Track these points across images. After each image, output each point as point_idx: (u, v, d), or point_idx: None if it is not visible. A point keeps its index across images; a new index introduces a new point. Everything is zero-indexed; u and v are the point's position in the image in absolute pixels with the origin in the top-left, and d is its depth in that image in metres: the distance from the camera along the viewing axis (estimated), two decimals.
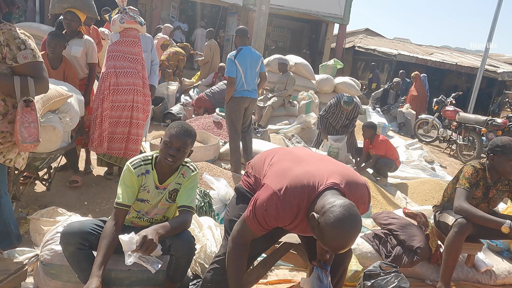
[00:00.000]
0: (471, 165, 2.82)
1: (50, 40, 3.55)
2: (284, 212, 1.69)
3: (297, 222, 1.73)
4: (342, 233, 1.46)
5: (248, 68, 4.55)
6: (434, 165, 6.77)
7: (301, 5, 13.66)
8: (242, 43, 4.63)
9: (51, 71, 3.58)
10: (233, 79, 4.49)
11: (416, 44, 18.51)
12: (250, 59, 4.57)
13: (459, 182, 2.79)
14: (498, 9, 9.87)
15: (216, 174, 4.06)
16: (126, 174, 2.12)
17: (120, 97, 3.76)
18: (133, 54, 3.85)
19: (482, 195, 2.83)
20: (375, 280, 2.52)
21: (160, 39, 8.10)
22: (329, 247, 1.52)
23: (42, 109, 2.81)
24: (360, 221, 1.51)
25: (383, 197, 4.74)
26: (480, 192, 2.82)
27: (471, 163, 2.84)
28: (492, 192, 2.83)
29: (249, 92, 4.61)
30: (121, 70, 3.76)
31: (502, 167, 2.70)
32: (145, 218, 2.25)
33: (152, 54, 4.59)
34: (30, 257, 2.28)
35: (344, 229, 1.46)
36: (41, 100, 2.78)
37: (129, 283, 2.21)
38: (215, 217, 3.23)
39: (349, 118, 5.83)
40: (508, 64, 14.05)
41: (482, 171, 2.79)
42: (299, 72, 8.16)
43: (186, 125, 2.12)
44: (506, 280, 3.08)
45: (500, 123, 7.38)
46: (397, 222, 3.11)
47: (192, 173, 2.20)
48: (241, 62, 4.50)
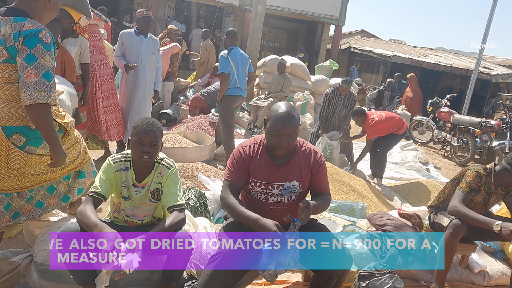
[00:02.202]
0: (474, 170, 2.80)
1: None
2: (243, 146, 2.19)
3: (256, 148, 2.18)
4: (279, 111, 2.06)
5: (239, 66, 4.75)
6: (429, 166, 6.80)
7: (297, 6, 13.68)
8: (233, 44, 4.85)
9: None
10: (227, 75, 4.64)
11: (411, 45, 18.59)
12: (241, 58, 4.80)
13: (460, 185, 2.79)
14: (493, 11, 9.94)
15: (212, 175, 4.06)
16: (105, 166, 2.13)
17: (107, 86, 4.29)
18: (101, 48, 4.37)
19: (483, 200, 2.85)
20: (370, 280, 2.53)
21: (174, 47, 7.47)
22: (274, 125, 2.04)
23: None
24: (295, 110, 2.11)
25: (378, 198, 4.75)
26: (481, 198, 2.83)
27: (475, 168, 2.83)
28: (493, 198, 2.86)
29: (241, 91, 4.80)
30: (101, 63, 4.22)
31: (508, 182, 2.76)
32: (135, 221, 2.24)
33: (157, 57, 4.66)
34: (24, 258, 2.27)
35: (281, 109, 2.07)
36: None
37: (124, 284, 2.20)
38: (211, 218, 3.22)
39: (346, 106, 5.72)
40: (502, 66, 14.15)
41: (485, 177, 2.79)
42: (294, 73, 8.17)
43: (150, 119, 2.11)
44: (500, 281, 3.10)
45: (494, 125, 7.43)
46: (392, 223, 3.12)
47: (169, 170, 2.17)
48: (233, 59, 4.68)
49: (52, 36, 2.00)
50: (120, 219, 2.25)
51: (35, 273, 2.21)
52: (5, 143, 2.03)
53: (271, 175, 2.15)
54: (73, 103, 3.45)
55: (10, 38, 1.92)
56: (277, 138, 2.06)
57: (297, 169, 2.17)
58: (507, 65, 14.63)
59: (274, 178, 2.15)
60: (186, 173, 3.97)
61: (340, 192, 4.51)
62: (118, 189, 2.17)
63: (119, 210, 2.24)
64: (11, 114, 2.01)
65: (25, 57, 1.91)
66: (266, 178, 2.15)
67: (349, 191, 4.57)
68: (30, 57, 1.91)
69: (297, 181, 2.16)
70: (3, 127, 2.01)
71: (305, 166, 2.18)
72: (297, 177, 2.16)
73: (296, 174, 2.16)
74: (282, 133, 2.05)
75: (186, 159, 4.37)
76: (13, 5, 2.02)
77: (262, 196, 2.18)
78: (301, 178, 2.17)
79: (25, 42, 1.91)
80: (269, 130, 2.10)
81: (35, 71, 1.91)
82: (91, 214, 1.92)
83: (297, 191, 2.19)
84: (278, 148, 2.09)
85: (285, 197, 2.17)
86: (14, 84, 1.97)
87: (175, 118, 6.61)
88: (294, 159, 2.18)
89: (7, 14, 1.97)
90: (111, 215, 2.29)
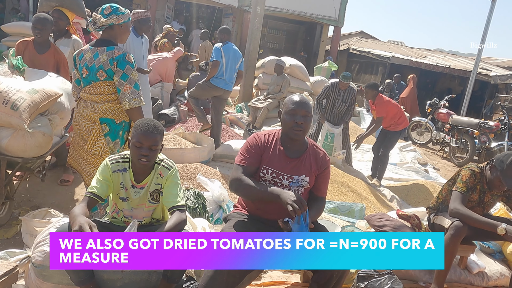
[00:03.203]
0: (469, 168, 2.83)
1: (36, 21, 3.42)
2: (259, 134, 2.29)
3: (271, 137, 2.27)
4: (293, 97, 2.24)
5: (230, 60, 5.06)
6: (428, 167, 6.81)
7: (296, 7, 13.69)
8: (228, 39, 5.20)
9: (38, 56, 3.49)
10: (217, 62, 4.98)
11: (410, 47, 18.61)
12: (233, 54, 5.10)
13: (456, 185, 2.80)
14: (491, 13, 9.97)
15: (211, 176, 4.05)
16: (102, 167, 2.11)
17: None
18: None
19: (478, 199, 2.86)
20: (368, 281, 2.53)
21: (178, 52, 7.41)
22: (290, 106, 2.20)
23: (30, 117, 2.73)
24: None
25: (376, 199, 4.76)
26: (477, 196, 2.84)
27: (469, 166, 2.85)
28: (487, 196, 2.85)
29: (226, 84, 5.10)
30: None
31: (493, 181, 2.77)
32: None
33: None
34: (22, 259, 2.26)
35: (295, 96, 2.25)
36: (28, 108, 2.70)
37: (122, 285, 2.19)
38: (209, 219, 3.21)
39: (345, 101, 5.74)
40: (500, 67, 14.18)
41: (479, 174, 2.82)
42: (293, 74, 8.17)
43: (152, 122, 2.10)
44: (498, 282, 3.11)
45: (492, 126, 7.45)
46: (390, 224, 3.12)
47: (169, 171, 2.17)
48: (226, 52, 5.02)
49: (132, 56, 2.77)
50: (118, 220, 2.24)
51: (33, 274, 2.20)
52: (98, 130, 2.76)
53: (283, 166, 2.21)
54: (72, 103, 3.43)
55: (107, 63, 2.69)
56: (293, 118, 2.17)
57: (307, 164, 2.24)
58: (506, 66, 14.67)
59: (286, 169, 2.21)
60: (184, 174, 3.96)
61: (339, 193, 4.51)
62: (115, 190, 2.15)
63: (118, 210, 2.23)
64: (105, 110, 2.77)
65: (121, 76, 2.69)
66: (278, 168, 2.21)
67: (348, 192, 4.57)
68: (124, 76, 2.69)
69: (306, 176, 2.23)
70: (100, 119, 2.77)
71: (314, 163, 2.26)
72: (306, 172, 2.23)
73: (306, 169, 2.23)
74: (297, 111, 2.18)
75: (185, 160, 4.36)
76: (100, 38, 2.82)
77: (272, 185, 2.20)
78: (310, 174, 2.24)
79: (118, 65, 2.69)
80: (285, 113, 2.22)
81: (129, 84, 2.69)
82: (77, 211, 1.90)
83: (305, 185, 2.24)
84: (293, 128, 2.18)
85: (293, 189, 2.20)
86: (110, 94, 2.75)
87: (174, 118, 6.60)
88: (306, 155, 2.26)
89: (98, 45, 2.75)
90: (110, 215, 2.29)
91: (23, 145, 2.75)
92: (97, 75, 2.72)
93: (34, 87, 2.84)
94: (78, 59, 2.80)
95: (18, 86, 2.79)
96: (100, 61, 2.69)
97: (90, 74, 2.74)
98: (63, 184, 3.78)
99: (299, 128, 2.17)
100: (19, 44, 3.57)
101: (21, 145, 2.75)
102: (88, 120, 2.79)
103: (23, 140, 2.74)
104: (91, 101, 2.78)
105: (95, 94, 2.75)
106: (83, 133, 2.82)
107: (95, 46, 2.76)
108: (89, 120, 2.79)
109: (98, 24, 2.73)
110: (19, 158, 2.79)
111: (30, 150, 2.80)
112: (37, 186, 3.68)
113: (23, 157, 2.80)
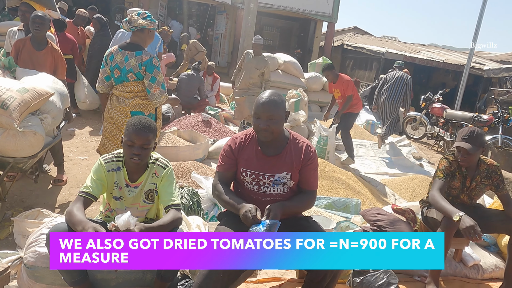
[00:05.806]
0: (444, 157, 2.92)
1: (35, 16, 3.45)
2: (234, 138, 2.25)
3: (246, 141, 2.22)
4: (261, 96, 2.12)
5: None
6: (422, 162, 6.83)
7: (290, 4, 13.67)
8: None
9: (36, 53, 3.51)
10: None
11: (404, 42, 18.66)
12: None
13: (435, 173, 2.89)
14: (483, 7, 10.00)
15: (205, 173, 4.03)
16: (96, 167, 2.09)
17: None
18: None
19: (461, 185, 2.90)
20: (364, 276, 2.53)
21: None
22: (254, 109, 2.11)
23: (20, 116, 2.70)
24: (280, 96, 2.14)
25: (372, 194, 4.76)
26: (458, 182, 2.89)
27: (445, 155, 2.95)
28: (468, 181, 2.86)
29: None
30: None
31: (456, 156, 2.85)
32: None
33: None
34: (14, 260, 2.23)
35: (263, 95, 2.13)
36: (18, 107, 2.66)
37: (116, 284, 2.17)
38: (204, 216, 3.20)
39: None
40: (493, 61, 14.25)
41: (455, 162, 2.88)
42: (288, 70, 8.15)
43: (144, 120, 2.07)
44: (493, 274, 3.12)
45: (486, 120, 7.49)
46: (386, 218, 3.12)
47: (164, 170, 2.15)
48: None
49: (158, 59, 3.13)
50: (112, 219, 2.22)
51: (25, 275, 2.17)
52: None
53: (262, 166, 2.16)
54: (64, 103, 3.40)
55: (136, 67, 3.06)
56: (257, 122, 2.11)
57: (288, 160, 2.17)
58: (499, 60, 14.73)
59: (265, 168, 2.16)
60: (179, 172, 3.94)
61: (334, 188, 4.51)
62: (109, 190, 2.13)
63: (111, 210, 2.21)
64: (135, 104, 3.15)
65: (150, 79, 3.08)
66: (257, 168, 2.16)
67: (343, 188, 4.57)
68: (152, 78, 3.08)
69: (288, 172, 2.16)
70: (131, 112, 3.13)
71: (296, 158, 2.17)
72: (287, 169, 2.16)
73: (287, 166, 2.16)
74: (261, 116, 2.09)
75: (180, 158, 4.34)
76: (130, 41, 3.13)
77: (255, 187, 2.18)
78: (292, 170, 2.17)
79: (147, 69, 3.06)
80: (252, 115, 2.17)
81: (157, 86, 3.11)
82: (77, 213, 1.89)
83: (288, 183, 2.18)
84: (259, 132, 2.13)
85: (278, 188, 2.17)
86: (139, 91, 3.14)
87: (168, 117, 6.57)
88: (286, 151, 2.18)
89: (128, 49, 3.07)
90: (103, 214, 2.26)
91: (14, 144, 2.72)
92: (127, 77, 3.10)
93: (24, 86, 2.81)
94: (109, 59, 3.13)
95: (8, 85, 2.76)
96: (130, 65, 3.06)
97: (122, 75, 3.11)
98: (56, 184, 3.74)
99: (264, 132, 2.10)
100: (16, 43, 3.60)
101: (12, 145, 2.71)
102: (120, 113, 3.16)
103: (14, 140, 2.71)
104: (122, 97, 3.16)
105: (126, 92, 3.14)
106: (118, 125, 3.20)
107: (125, 49, 3.08)
108: (122, 113, 3.16)
109: (134, 24, 3.04)
110: (10, 158, 2.76)
111: (22, 150, 2.77)
112: (30, 186, 3.64)
113: (14, 156, 2.77)
